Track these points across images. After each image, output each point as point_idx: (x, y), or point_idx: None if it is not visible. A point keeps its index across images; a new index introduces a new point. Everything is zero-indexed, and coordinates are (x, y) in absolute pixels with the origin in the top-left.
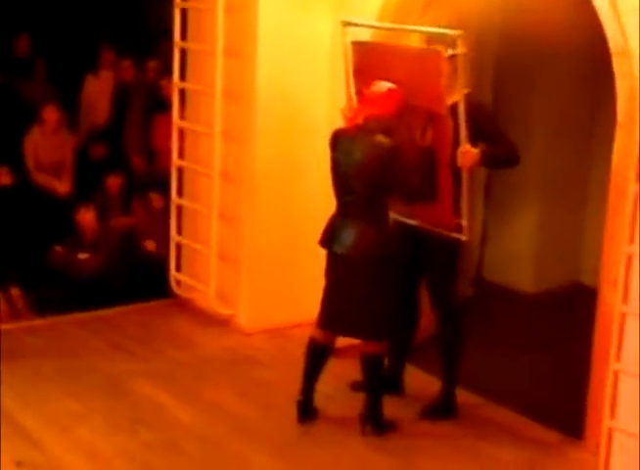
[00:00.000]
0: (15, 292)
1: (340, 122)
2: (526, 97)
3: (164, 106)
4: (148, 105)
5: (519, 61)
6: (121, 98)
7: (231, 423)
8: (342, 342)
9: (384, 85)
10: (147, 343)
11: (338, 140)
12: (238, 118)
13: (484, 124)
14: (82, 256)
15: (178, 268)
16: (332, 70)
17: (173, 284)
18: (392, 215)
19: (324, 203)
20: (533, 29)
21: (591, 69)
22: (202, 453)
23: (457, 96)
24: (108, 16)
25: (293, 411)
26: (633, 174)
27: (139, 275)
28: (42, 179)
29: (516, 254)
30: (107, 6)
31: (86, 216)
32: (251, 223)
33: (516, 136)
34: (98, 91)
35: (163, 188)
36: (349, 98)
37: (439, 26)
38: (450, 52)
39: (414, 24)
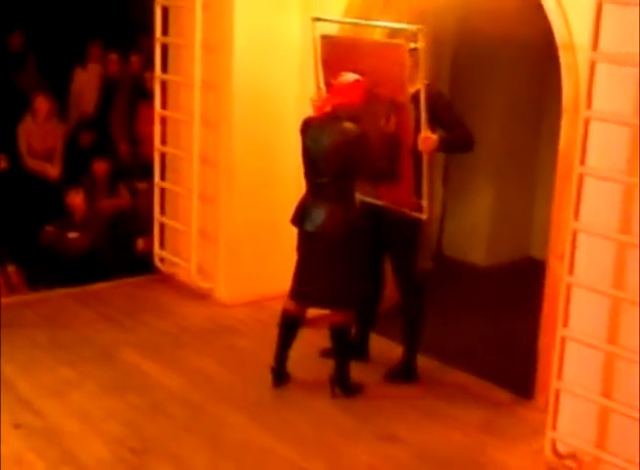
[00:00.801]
0: (11, 269)
1: (309, 111)
2: (481, 87)
3: (147, 96)
4: (132, 95)
5: (474, 53)
6: (108, 89)
7: (211, 387)
8: (312, 312)
9: (350, 76)
10: (133, 315)
11: (308, 127)
12: (215, 107)
13: (443, 112)
14: (72, 235)
15: (162, 246)
16: (302, 62)
17: (157, 260)
18: (359, 196)
19: (295, 184)
20: (488, 25)
21: (541, 60)
22: (185, 415)
23: (418, 86)
24: (95, 13)
25: (268, 376)
26: (577, 157)
27: (125, 252)
28: (34, 164)
29: (471, 230)
30: (94, 4)
31: (75, 199)
32: (229, 204)
33: (471, 123)
34: (86, 83)
35: (147, 173)
36: (318, 88)
37: (401, 22)
38: (412, 46)
39: (378, 20)
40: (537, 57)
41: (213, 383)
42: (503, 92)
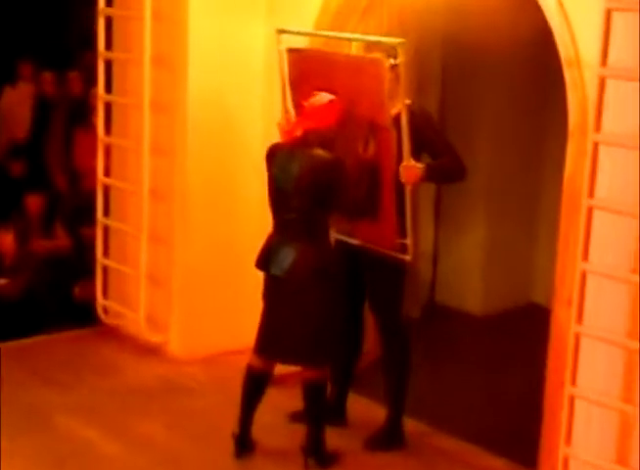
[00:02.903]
0: None
1: (276, 137)
2: (475, 107)
3: (89, 120)
4: (71, 119)
5: (467, 69)
6: (42, 112)
7: (162, 458)
8: (280, 369)
9: (323, 96)
10: (72, 373)
11: (274, 155)
12: (168, 133)
13: (429, 136)
14: (0, 281)
15: (105, 293)
16: (267, 80)
17: (100, 310)
18: (333, 234)
19: (261, 221)
20: (482, 36)
21: (542, 76)
22: None
23: (399, 107)
24: (27, 27)
25: (229, 444)
26: (586, 187)
27: (63, 302)
28: None
29: (463, 273)
30: (26, 17)
31: (5, 239)
32: (184, 244)
33: (464, 148)
34: (16, 104)
35: (88, 209)
36: (286, 110)
37: (380, 33)
38: (392, 61)
39: (353, 31)
40: (539, 72)
41: (165, 452)
42: (500, 113)
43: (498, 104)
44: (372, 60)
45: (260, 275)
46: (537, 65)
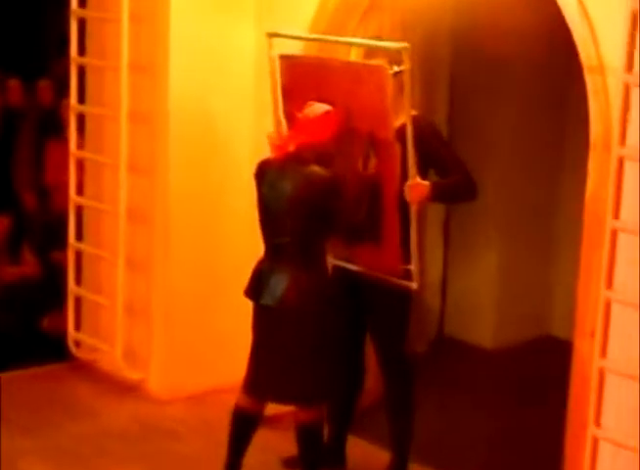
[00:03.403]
0: None
1: (267, 152)
2: (488, 118)
3: (60, 132)
4: (40, 132)
5: (478, 75)
6: (8, 123)
7: None
8: (272, 409)
9: (319, 107)
10: (41, 414)
11: (265, 172)
12: (147, 147)
13: (436, 151)
14: None
15: (78, 326)
16: (257, 89)
17: (71, 344)
18: (330, 260)
19: (250, 246)
20: (494, 39)
21: (560, 83)
22: None
23: (404, 118)
24: None
25: None
26: (610, 207)
27: (31, 334)
28: None
29: (474, 302)
30: None
31: None
32: (165, 270)
33: (475, 164)
34: None
35: (59, 231)
36: (278, 122)
37: (382, 36)
38: (396, 68)
39: (353, 35)
40: (557, 79)
41: None
42: (515, 125)
43: (512, 115)
44: (373, 67)
45: (250, 305)
46: (556, 71)
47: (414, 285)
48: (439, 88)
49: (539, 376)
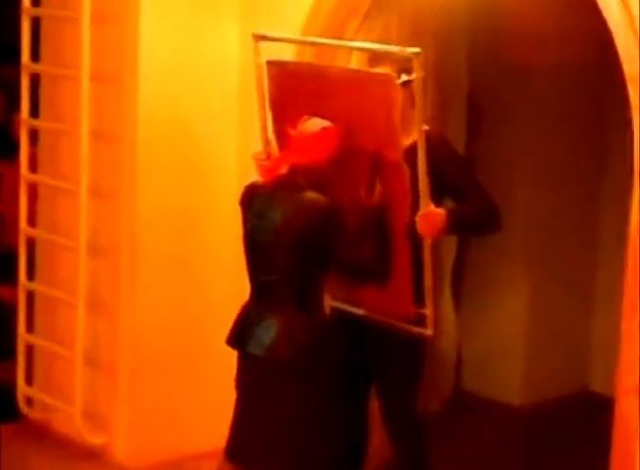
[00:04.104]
0: None
1: (254, 175)
2: (511, 136)
3: (10, 151)
4: None
5: (499, 85)
6: None
7: None
8: None
9: (315, 123)
10: None
11: (252, 199)
12: (112, 169)
13: (452, 174)
14: None
15: (29, 379)
16: (242, 101)
17: (22, 402)
18: (329, 302)
19: (234, 285)
20: (518, 43)
21: (598, 98)
22: None
23: (415, 136)
24: None
25: None
26: None
27: None
28: None
29: (498, 352)
30: None
31: None
32: (131, 315)
33: (497, 189)
34: None
35: (8, 268)
36: (267, 140)
37: (389, 39)
38: (404, 77)
39: (354, 38)
40: (594, 93)
41: None
42: (544, 145)
43: (542, 133)
44: (378, 75)
45: (234, 355)
46: (592, 82)
47: (429, 332)
48: (455, 101)
49: (575, 438)
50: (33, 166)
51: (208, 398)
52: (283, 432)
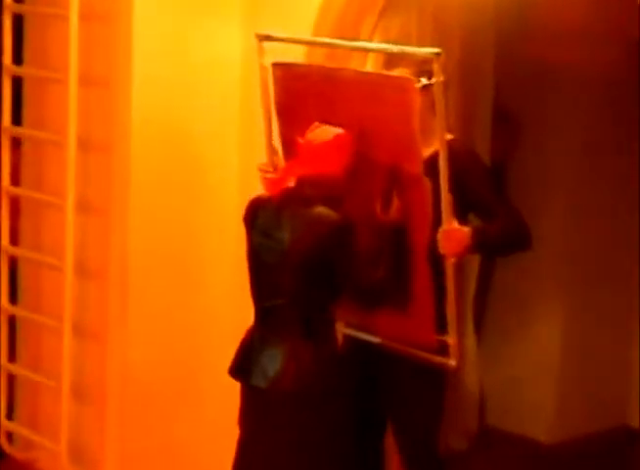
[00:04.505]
0: None
1: (259, 188)
2: (543, 146)
3: None
4: None
5: (530, 89)
6: None
7: None
8: None
9: (327, 130)
10: None
11: (257, 215)
12: (102, 182)
13: (478, 187)
14: None
15: (10, 414)
16: (245, 106)
17: (3, 439)
18: (341, 329)
19: (236, 311)
20: (552, 43)
21: (638, 96)
22: None
23: (436, 145)
24: None
25: None
26: None
27: None
28: None
29: (527, 385)
30: None
31: None
32: (122, 343)
33: (525, 206)
34: None
35: None
36: (272, 150)
37: (407, 39)
38: (425, 81)
39: (369, 38)
40: (636, 93)
41: None
42: (581, 157)
43: (578, 143)
44: (396, 79)
45: (235, 388)
46: (634, 83)
47: (452, 362)
48: (480, 107)
49: None
50: (15, 179)
51: (207, 435)
52: (290, 467)
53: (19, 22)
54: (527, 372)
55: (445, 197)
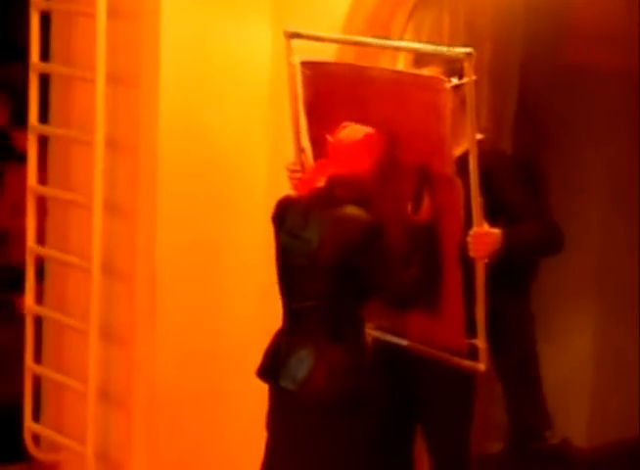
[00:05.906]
0: None
1: (287, 187)
2: (577, 146)
3: (17, 160)
4: None
5: (560, 91)
6: None
7: None
8: None
9: (357, 129)
10: None
11: (286, 215)
12: (129, 182)
13: (508, 189)
14: None
15: (36, 416)
16: (274, 105)
17: (28, 440)
18: (370, 331)
19: (264, 313)
20: (580, 42)
21: None
22: None
23: (466, 145)
24: None
25: None
26: None
27: None
28: None
29: (562, 391)
30: None
31: None
32: (149, 345)
33: (558, 209)
34: None
35: (15, 289)
36: (301, 149)
37: (439, 39)
38: (455, 81)
39: (399, 37)
40: None
41: None
42: (613, 153)
43: (611, 144)
44: (427, 79)
45: (263, 391)
46: None
47: (481, 366)
48: (506, 107)
49: None
50: (42, 178)
51: (234, 439)
52: None
53: (46, 19)
54: (562, 377)
55: (475, 199)
